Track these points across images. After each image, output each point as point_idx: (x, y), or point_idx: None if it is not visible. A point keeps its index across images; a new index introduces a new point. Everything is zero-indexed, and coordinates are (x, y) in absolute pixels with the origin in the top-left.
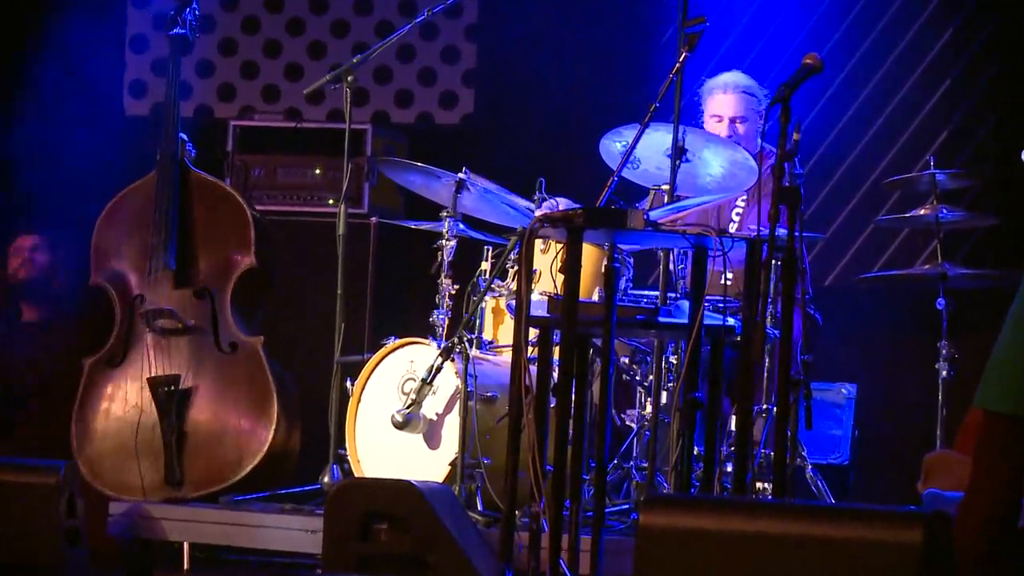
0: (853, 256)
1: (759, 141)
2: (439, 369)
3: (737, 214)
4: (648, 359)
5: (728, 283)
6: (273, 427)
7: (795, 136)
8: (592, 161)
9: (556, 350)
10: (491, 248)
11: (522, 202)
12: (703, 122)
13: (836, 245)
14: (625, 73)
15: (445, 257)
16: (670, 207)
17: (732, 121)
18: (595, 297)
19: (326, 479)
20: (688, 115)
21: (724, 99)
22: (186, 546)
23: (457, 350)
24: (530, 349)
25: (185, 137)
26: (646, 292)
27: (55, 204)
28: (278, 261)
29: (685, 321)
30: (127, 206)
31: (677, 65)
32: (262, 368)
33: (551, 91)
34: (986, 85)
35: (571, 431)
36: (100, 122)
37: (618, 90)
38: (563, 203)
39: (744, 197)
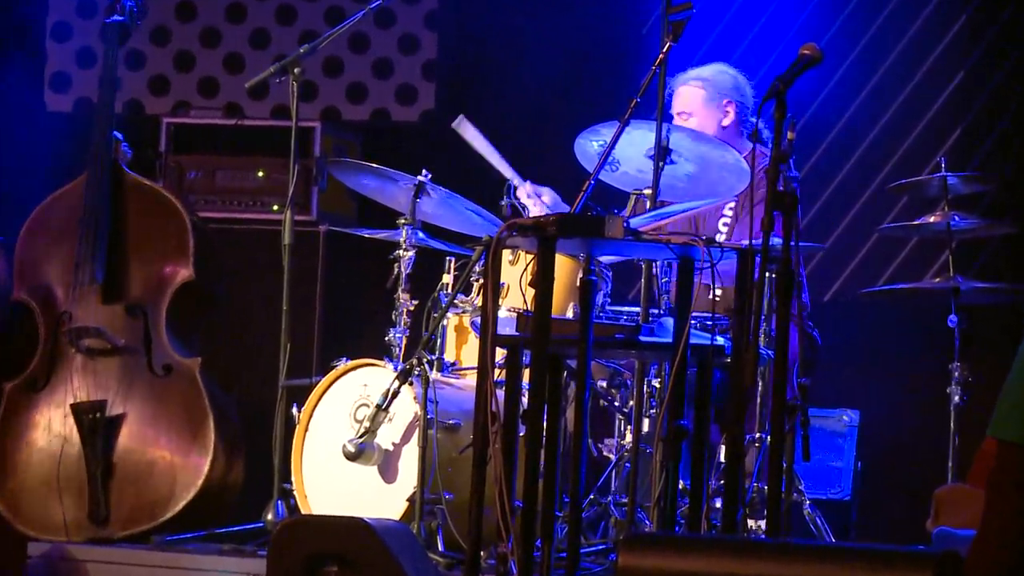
0: (855, 268)
1: (746, 141)
2: (396, 394)
3: (725, 224)
4: (628, 383)
5: (717, 298)
6: (209, 457)
7: (790, 135)
8: (566, 163)
9: (526, 373)
10: (454, 259)
11: (508, 172)
12: None
13: (836, 256)
14: (603, 65)
15: (403, 269)
16: (653, 214)
17: (680, 116)
18: (569, 314)
19: (270, 516)
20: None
21: (675, 96)
22: None
23: (416, 373)
24: (497, 372)
25: (120, 136)
26: (626, 308)
27: None
28: (222, 275)
29: (669, 340)
30: (54, 212)
31: (660, 56)
32: (199, 393)
33: (520, 85)
34: (1003, 78)
35: (542, 463)
36: (18, 118)
37: (595, 84)
38: (548, 195)
39: (732, 204)
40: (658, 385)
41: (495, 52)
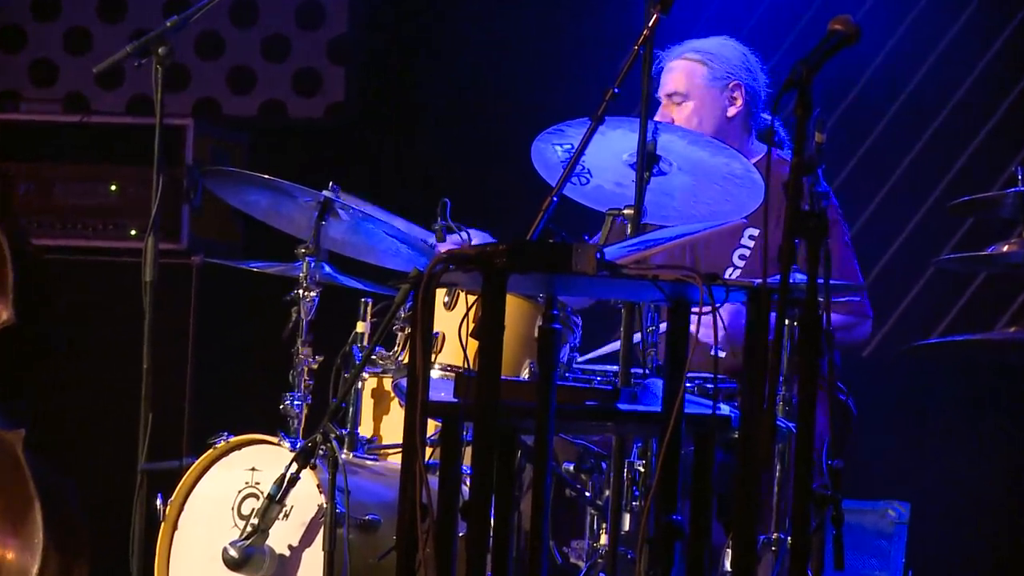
0: (904, 313)
1: (756, 142)
2: (294, 481)
3: (742, 257)
4: (603, 466)
5: (721, 353)
6: (38, 562)
7: (818, 137)
8: (521, 174)
9: (467, 452)
10: (371, 302)
11: (418, 231)
12: None
13: (879, 297)
14: (569, 46)
15: (303, 315)
16: (636, 241)
17: (668, 101)
18: (525, 374)
19: None
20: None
21: (664, 74)
22: None
23: (320, 453)
24: (429, 451)
25: None
26: (600, 367)
27: None
28: (59, 320)
29: (658, 409)
30: None
31: (645, 33)
32: (22, 475)
33: (459, 71)
34: None
35: (490, 572)
36: None
37: (560, 69)
38: (477, 238)
39: (754, 231)
40: (643, 469)
41: (425, 26)
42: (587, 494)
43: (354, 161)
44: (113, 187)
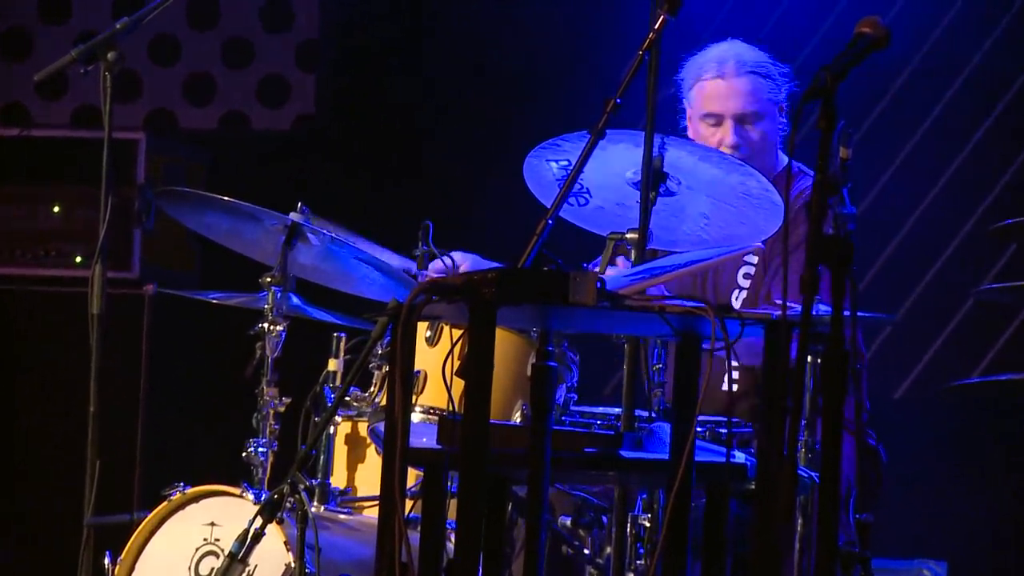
0: (940, 350)
1: (780, 154)
2: (258, 537)
3: (746, 276)
4: (604, 519)
5: (735, 394)
6: None
7: (843, 153)
8: (512, 194)
9: (452, 505)
10: (344, 337)
11: (396, 260)
12: (687, 128)
13: (912, 332)
14: (567, 50)
15: (268, 351)
16: (640, 269)
17: (738, 122)
18: (516, 418)
19: None
20: (669, 117)
21: (722, 87)
22: None
23: (288, 505)
24: (409, 503)
25: None
26: (601, 410)
27: None
28: None
29: (665, 457)
30: None
31: (651, 36)
32: None
33: (443, 79)
34: None
35: None
36: None
37: (555, 77)
38: (465, 262)
39: (757, 250)
40: (648, 524)
41: (403, 30)
42: (586, 551)
43: (325, 178)
44: (56, 209)
